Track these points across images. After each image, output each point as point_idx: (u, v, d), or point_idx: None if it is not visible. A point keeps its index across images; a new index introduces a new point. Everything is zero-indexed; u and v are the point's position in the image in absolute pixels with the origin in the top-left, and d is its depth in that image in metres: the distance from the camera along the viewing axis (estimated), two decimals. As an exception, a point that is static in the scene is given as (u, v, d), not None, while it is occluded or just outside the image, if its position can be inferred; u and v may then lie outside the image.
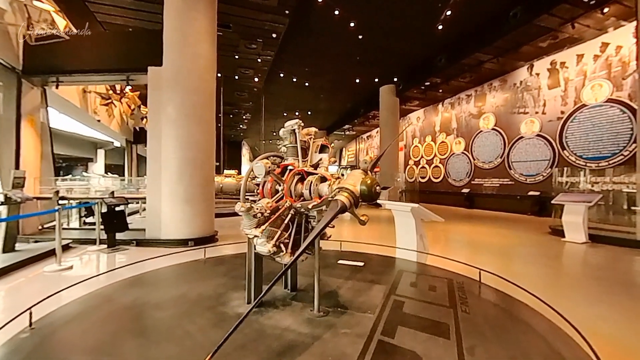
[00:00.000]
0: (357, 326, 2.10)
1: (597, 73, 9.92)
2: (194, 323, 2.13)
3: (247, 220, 1.86)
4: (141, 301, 2.58)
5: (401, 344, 1.91)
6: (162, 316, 2.30)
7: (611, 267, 5.10)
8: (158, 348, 1.85)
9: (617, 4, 8.28)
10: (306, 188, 2.00)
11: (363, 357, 1.75)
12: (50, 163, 7.59)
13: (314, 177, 2.00)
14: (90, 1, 8.01)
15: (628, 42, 9.09)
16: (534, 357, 1.83)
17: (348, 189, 1.73)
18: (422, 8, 9.39)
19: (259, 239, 1.84)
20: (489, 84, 13.98)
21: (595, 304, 3.44)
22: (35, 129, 7.05)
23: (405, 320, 2.25)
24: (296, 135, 2.19)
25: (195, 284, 3.05)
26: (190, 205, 6.11)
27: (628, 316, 3.11)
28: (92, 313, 2.38)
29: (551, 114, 11.31)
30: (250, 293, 2.33)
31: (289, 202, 1.95)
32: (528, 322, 2.30)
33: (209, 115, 6.54)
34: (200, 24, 6.26)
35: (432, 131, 17.94)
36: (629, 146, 9.00)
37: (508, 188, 12.93)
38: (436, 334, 2.05)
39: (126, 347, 1.85)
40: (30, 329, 2.05)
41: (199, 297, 2.61)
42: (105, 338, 1.96)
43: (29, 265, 4.68)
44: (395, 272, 3.43)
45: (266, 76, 14.02)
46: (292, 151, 2.24)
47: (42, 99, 7.28)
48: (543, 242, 7.03)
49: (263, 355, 1.75)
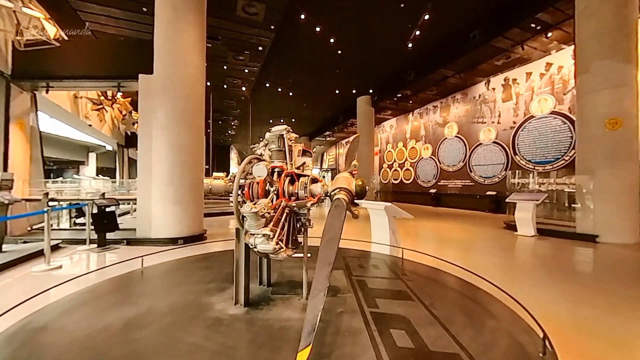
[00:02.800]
0: (346, 304, 2.29)
1: (542, 89, 10.47)
2: (189, 332, 1.89)
3: (254, 221, 1.78)
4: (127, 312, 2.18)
5: (387, 311, 2.19)
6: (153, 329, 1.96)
7: (556, 257, 5.34)
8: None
9: (559, 30, 8.81)
10: (301, 188, 1.98)
11: (369, 326, 1.93)
12: (40, 166, 7.11)
13: (306, 179, 2.00)
14: (81, 10, 7.61)
15: (568, 62, 9.67)
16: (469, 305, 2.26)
17: (346, 188, 1.83)
18: (395, 28, 9.60)
19: (259, 238, 1.78)
20: (452, 96, 14.44)
21: (543, 289, 3.59)
22: (24, 133, 6.59)
23: (376, 294, 2.53)
24: (284, 139, 2.16)
25: (183, 285, 2.80)
26: (180, 205, 5.91)
27: (570, 298, 3.27)
28: (75, 316, 2.19)
29: (505, 123, 11.82)
30: (238, 293, 2.18)
31: (284, 202, 1.92)
32: (468, 290, 2.78)
33: (199, 121, 6.35)
34: (190, 34, 6.08)
35: (403, 138, 18.32)
36: (569, 152, 9.55)
37: (469, 188, 13.38)
38: (404, 299, 2.45)
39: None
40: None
41: (186, 300, 2.37)
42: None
43: (17, 266, 4.35)
44: (348, 260, 3.59)
45: (253, 86, 13.85)
46: (279, 154, 2.19)
47: (32, 103, 6.82)
48: (499, 235, 7.29)
49: (286, 345, 1.70)
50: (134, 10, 7.49)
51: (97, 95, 10.39)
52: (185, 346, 1.70)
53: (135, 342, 1.73)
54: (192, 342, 1.74)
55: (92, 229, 5.42)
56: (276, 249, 1.75)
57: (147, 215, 5.92)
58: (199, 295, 2.46)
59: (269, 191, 1.95)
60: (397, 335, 1.82)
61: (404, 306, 2.28)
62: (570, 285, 3.71)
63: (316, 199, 1.98)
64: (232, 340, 1.75)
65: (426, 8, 8.56)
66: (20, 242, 5.67)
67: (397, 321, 2.02)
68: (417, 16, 8.96)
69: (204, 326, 1.93)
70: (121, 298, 2.54)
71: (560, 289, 3.54)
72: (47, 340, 1.81)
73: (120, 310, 2.21)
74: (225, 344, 1.71)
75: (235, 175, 2.01)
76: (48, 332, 1.90)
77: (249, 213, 1.71)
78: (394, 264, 3.52)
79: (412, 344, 1.73)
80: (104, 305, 2.37)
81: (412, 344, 1.72)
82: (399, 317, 2.09)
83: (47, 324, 1.99)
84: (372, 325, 1.94)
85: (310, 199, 1.97)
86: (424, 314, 2.14)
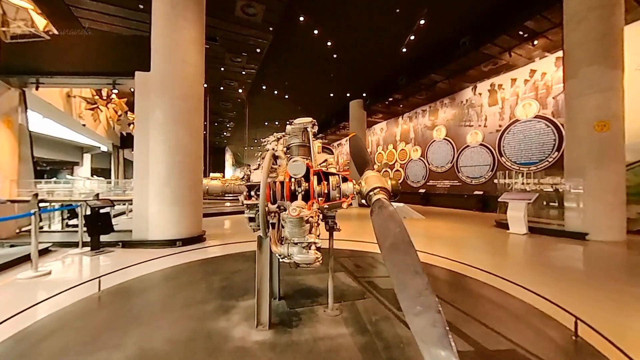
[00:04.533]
0: (374, 310, 2.00)
1: (527, 94, 10.48)
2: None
3: (298, 228, 1.40)
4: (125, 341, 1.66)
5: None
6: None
7: (548, 253, 5.23)
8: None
9: (544, 38, 8.79)
10: (333, 189, 1.63)
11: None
12: (29, 166, 6.48)
13: (337, 178, 1.66)
14: (74, 6, 7.02)
15: (550, 69, 9.70)
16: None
17: (384, 188, 1.57)
18: (389, 33, 9.38)
19: (297, 247, 1.41)
20: (441, 101, 14.38)
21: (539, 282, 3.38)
22: (12, 131, 5.97)
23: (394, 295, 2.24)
24: (309, 134, 1.82)
25: (183, 305, 2.18)
26: (178, 206, 5.45)
27: (564, 290, 3.07)
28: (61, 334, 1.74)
29: (491, 127, 11.81)
30: (261, 313, 1.71)
31: (316, 204, 1.56)
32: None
33: (197, 120, 5.91)
34: (189, 32, 5.64)
35: (393, 140, 18.18)
36: (552, 153, 9.57)
37: (457, 188, 13.33)
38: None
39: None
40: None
41: (192, 329, 1.77)
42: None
43: (1, 272, 3.83)
44: (355, 261, 3.26)
45: (249, 88, 13.39)
46: (302, 150, 1.84)
47: (21, 100, 6.20)
48: (492, 234, 7.15)
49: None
50: (130, 7, 6.96)
51: (91, 94, 9.72)
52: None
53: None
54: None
55: (85, 231, 4.91)
56: (317, 258, 1.40)
57: (144, 217, 5.44)
58: (205, 318, 1.90)
59: (296, 192, 1.59)
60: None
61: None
62: (566, 279, 3.52)
63: (349, 199, 1.65)
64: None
65: (420, 14, 8.39)
66: (7, 245, 5.09)
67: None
68: (411, 22, 8.78)
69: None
70: (107, 329, 1.80)
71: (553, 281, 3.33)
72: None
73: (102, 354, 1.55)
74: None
75: (251, 175, 1.63)
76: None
77: (295, 219, 1.35)
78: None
79: (468, 345, 1.49)
80: (82, 340, 1.66)
81: (469, 345, 1.47)
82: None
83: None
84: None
85: (344, 199, 1.64)
86: (456, 313, 1.93)
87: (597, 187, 6.13)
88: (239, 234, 6.69)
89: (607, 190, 6.08)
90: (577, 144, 6.48)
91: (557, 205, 7.57)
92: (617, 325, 2.18)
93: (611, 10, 6.16)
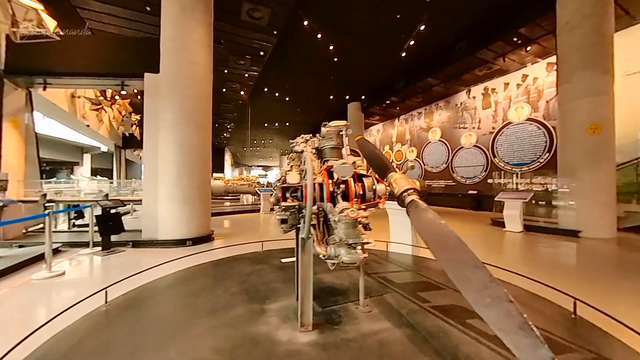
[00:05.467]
0: (400, 304, 2.04)
1: (519, 98, 10.64)
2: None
3: (353, 229, 1.37)
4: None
5: (449, 303, 2.03)
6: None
7: (544, 249, 5.33)
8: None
9: (537, 44, 8.93)
10: (369, 190, 1.63)
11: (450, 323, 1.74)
12: (36, 166, 6.31)
13: (371, 179, 1.65)
14: (81, 7, 6.85)
15: (542, 74, 9.87)
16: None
17: (415, 189, 1.56)
18: (388, 39, 9.42)
19: (346, 248, 1.39)
20: (436, 104, 14.50)
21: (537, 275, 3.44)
22: (19, 131, 5.80)
23: (419, 288, 2.35)
24: (342, 137, 1.80)
25: (214, 310, 2.00)
26: (188, 206, 5.37)
27: (561, 281, 3.12)
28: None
29: (485, 129, 11.95)
30: (305, 315, 1.65)
31: (356, 205, 1.55)
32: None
33: (206, 120, 5.83)
34: (198, 33, 5.56)
35: (389, 141, 18.28)
36: (543, 154, 9.73)
37: (452, 188, 13.46)
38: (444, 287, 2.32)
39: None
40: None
41: (232, 335, 1.64)
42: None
43: (14, 273, 3.71)
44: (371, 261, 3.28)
45: (251, 90, 13.30)
46: (335, 153, 1.82)
47: (27, 101, 6.03)
48: (489, 232, 7.23)
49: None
50: (137, 9, 6.83)
51: (95, 95, 9.51)
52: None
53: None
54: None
55: (96, 231, 4.80)
56: (364, 257, 1.39)
57: (153, 216, 5.35)
58: (241, 323, 1.78)
59: (334, 193, 1.57)
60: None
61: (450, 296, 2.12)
62: (563, 273, 3.59)
63: (383, 200, 1.65)
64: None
65: (419, 20, 8.44)
66: (15, 246, 4.93)
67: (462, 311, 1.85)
68: (410, 27, 8.82)
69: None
70: (143, 336, 1.65)
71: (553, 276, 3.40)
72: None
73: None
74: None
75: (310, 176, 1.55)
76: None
77: (351, 220, 1.33)
78: (420, 262, 3.26)
79: (480, 320, 1.55)
80: (121, 350, 1.52)
81: (480, 321, 1.53)
82: (459, 308, 1.94)
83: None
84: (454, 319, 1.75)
85: (378, 200, 1.63)
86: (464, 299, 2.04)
87: (590, 187, 6.26)
88: (243, 234, 6.63)
89: (599, 189, 6.22)
90: (570, 145, 6.60)
91: (550, 204, 7.69)
92: (615, 308, 2.28)
93: (602, 18, 6.30)
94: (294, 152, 2.03)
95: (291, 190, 1.72)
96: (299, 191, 1.65)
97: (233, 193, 14.89)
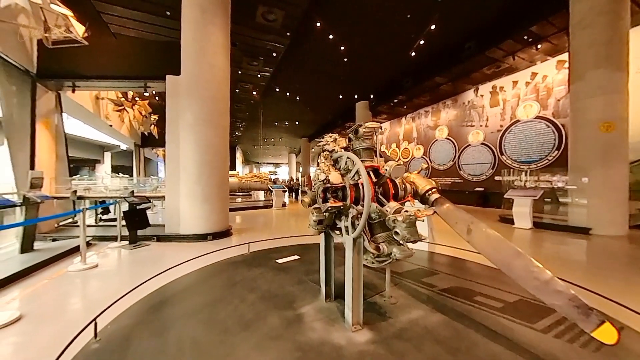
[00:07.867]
0: (415, 293, 2.09)
1: (528, 96, 10.36)
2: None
3: (413, 228, 1.37)
4: None
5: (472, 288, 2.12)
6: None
7: (555, 246, 5.24)
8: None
9: (547, 42, 8.65)
10: (401, 189, 1.63)
11: (477, 308, 1.79)
12: (65, 164, 6.50)
13: (399, 179, 1.66)
14: (104, 12, 6.94)
15: (551, 72, 9.57)
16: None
17: (437, 188, 1.69)
18: (398, 39, 9.27)
19: (396, 246, 1.40)
20: (443, 102, 14.25)
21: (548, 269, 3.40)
22: (50, 132, 5.97)
23: (435, 279, 2.42)
24: (375, 137, 1.79)
25: (256, 310, 1.92)
26: (208, 203, 5.45)
27: (573, 277, 3.07)
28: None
29: (492, 127, 11.71)
30: (358, 314, 1.62)
31: (408, 204, 1.57)
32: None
33: (224, 121, 5.88)
34: (217, 37, 5.58)
35: (396, 139, 18.09)
36: (552, 152, 9.49)
37: (458, 185, 13.27)
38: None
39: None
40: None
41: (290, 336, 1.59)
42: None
43: (51, 265, 3.85)
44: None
45: (263, 90, 13.31)
46: (369, 153, 1.81)
47: (57, 102, 6.18)
48: (497, 228, 6.95)
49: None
50: (158, 13, 6.88)
51: (116, 96, 9.68)
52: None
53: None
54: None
55: (124, 225, 4.93)
56: (413, 251, 1.40)
57: (176, 212, 5.45)
58: (288, 331, 1.67)
59: (377, 192, 1.57)
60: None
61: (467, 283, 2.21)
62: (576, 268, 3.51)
63: (412, 199, 1.66)
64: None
65: (429, 20, 8.26)
66: (50, 239, 5.12)
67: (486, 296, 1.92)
68: (419, 27, 8.65)
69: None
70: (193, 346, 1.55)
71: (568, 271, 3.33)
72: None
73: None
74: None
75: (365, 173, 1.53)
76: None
77: (412, 219, 1.33)
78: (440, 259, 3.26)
79: (493, 300, 1.73)
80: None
81: (494, 300, 1.71)
82: (480, 287, 2.09)
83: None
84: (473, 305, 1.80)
85: (408, 198, 1.64)
86: (480, 286, 2.12)
87: (602, 185, 6.08)
88: (257, 230, 6.70)
89: (611, 187, 6.04)
90: (582, 143, 6.41)
91: (560, 201, 7.51)
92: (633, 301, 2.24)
93: (618, 15, 6.05)
94: (326, 152, 1.99)
95: (332, 191, 1.68)
96: (340, 191, 1.64)
97: (246, 189, 15.06)
